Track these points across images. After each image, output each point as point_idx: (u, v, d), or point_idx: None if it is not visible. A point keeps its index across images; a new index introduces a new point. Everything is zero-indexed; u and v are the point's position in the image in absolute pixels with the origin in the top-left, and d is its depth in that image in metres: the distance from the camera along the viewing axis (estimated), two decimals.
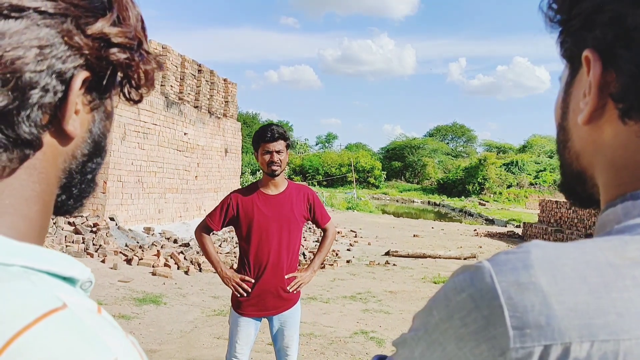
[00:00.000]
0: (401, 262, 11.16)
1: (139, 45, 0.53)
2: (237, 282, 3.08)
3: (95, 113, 0.54)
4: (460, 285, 0.48)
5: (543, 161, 48.23)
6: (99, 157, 0.56)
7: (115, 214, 10.53)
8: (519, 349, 0.44)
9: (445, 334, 0.48)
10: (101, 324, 0.46)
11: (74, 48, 0.48)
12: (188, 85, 13.71)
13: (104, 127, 0.56)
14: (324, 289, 8.15)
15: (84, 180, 0.56)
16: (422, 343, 0.51)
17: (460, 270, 0.50)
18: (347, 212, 25.68)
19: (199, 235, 3.23)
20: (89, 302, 0.49)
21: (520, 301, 0.44)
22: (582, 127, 0.55)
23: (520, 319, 0.44)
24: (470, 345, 0.46)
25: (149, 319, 6.01)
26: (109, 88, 0.53)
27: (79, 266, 0.50)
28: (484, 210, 33.29)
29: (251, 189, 3.18)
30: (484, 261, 0.48)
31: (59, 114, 0.49)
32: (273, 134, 3.06)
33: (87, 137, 0.54)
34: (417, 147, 57.76)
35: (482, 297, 0.46)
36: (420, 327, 0.51)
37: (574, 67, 0.57)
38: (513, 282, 0.45)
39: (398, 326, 6.36)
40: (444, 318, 0.48)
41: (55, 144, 0.51)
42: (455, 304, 0.48)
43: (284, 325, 3.18)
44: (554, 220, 16.51)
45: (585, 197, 0.61)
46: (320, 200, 3.38)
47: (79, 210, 0.59)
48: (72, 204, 0.56)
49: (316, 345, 5.44)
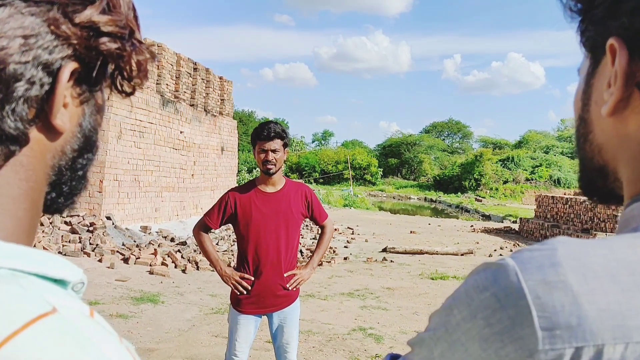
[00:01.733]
0: (398, 259, 11.16)
1: (130, 34, 0.50)
2: (236, 280, 3.06)
3: (85, 106, 0.51)
4: (482, 284, 0.46)
5: (539, 157, 48.31)
6: (90, 153, 0.54)
7: (112, 213, 10.49)
8: (549, 350, 0.42)
9: (467, 334, 0.46)
10: (94, 328, 0.44)
11: (61, 38, 0.46)
12: (184, 84, 13.66)
13: (95, 121, 0.53)
14: (321, 286, 8.13)
15: (75, 177, 0.53)
16: (442, 343, 0.49)
17: (481, 267, 0.48)
18: (344, 209, 25.68)
19: (197, 234, 3.20)
20: (81, 305, 0.46)
21: (548, 301, 0.43)
22: (605, 119, 0.53)
23: (550, 320, 0.42)
24: (495, 347, 0.44)
25: (146, 318, 5.99)
26: (99, 80, 0.51)
27: (70, 267, 0.48)
28: (480, 206, 33.34)
29: (249, 187, 3.16)
30: (507, 258, 0.46)
31: (46, 108, 0.47)
32: (269, 132, 3.04)
33: (77, 132, 0.51)
34: (413, 144, 57.76)
35: (507, 297, 0.44)
36: (440, 327, 0.49)
37: (595, 57, 0.55)
38: (540, 281, 0.44)
39: (396, 322, 6.36)
40: (466, 317, 0.46)
41: (43, 140, 0.48)
42: (478, 303, 0.46)
43: (283, 322, 3.16)
44: (550, 216, 16.53)
45: (606, 192, 0.59)
46: (317, 197, 3.37)
47: (70, 208, 0.56)
48: (63, 201, 0.54)
49: (315, 342, 5.42)
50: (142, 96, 11.65)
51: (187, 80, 13.95)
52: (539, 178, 44.31)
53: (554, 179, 43.71)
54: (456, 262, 11.20)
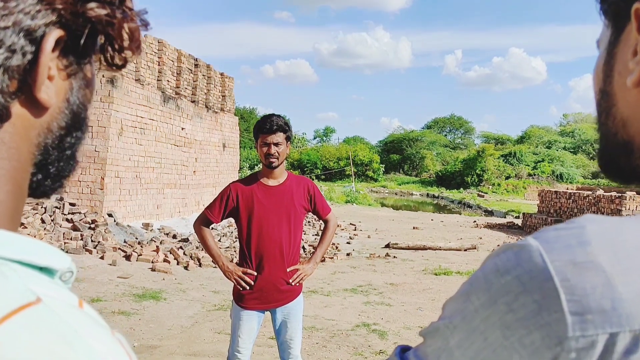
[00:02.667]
0: (401, 255, 11.12)
1: (121, 0, 0.46)
2: (239, 276, 3.02)
3: (73, 80, 0.47)
4: (503, 267, 0.42)
5: (541, 152, 48.24)
6: (79, 131, 0.50)
7: (113, 210, 10.46)
8: (580, 337, 0.38)
9: (487, 322, 0.42)
10: (83, 320, 0.40)
11: (45, 2, 0.41)
12: (185, 80, 13.61)
13: (84, 97, 0.49)
14: (324, 282, 8.10)
15: (62, 157, 0.49)
16: (459, 332, 0.45)
17: (500, 249, 0.44)
18: (346, 205, 25.65)
19: (198, 229, 3.16)
20: (69, 296, 0.42)
21: (578, 283, 0.39)
22: (630, 90, 0.49)
23: (580, 303, 0.38)
24: (519, 334, 0.40)
25: (149, 314, 5.96)
26: (88, 51, 0.47)
27: (57, 255, 0.44)
28: (482, 202, 33.29)
29: (251, 180, 3.12)
30: (529, 238, 0.42)
31: (29, 80, 0.43)
32: (272, 125, 3.00)
33: (64, 108, 0.47)
34: (415, 140, 57.70)
35: (531, 279, 0.40)
36: (456, 314, 0.45)
37: (618, 25, 0.51)
38: (568, 262, 0.40)
39: (400, 318, 6.32)
40: (486, 303, 0.43)
41: (26, 115, 0.44)
42: (499, 287, 0.42)
43: (287, 318, 3.12)
44: (553, 211, 16.48)
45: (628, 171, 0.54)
46: (320, 191, 3.33)
47: (58, 191, 0.52)
48: (50, 184, 0.49)
49: (318, 339, 5.40)
50: (143, 92, 11.61)
51: (188, 77, 13.91)
52: (541, 173, 44.23)
53: (557, 174, 43.63)
54: (459, 257, 11.16)
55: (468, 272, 9.35)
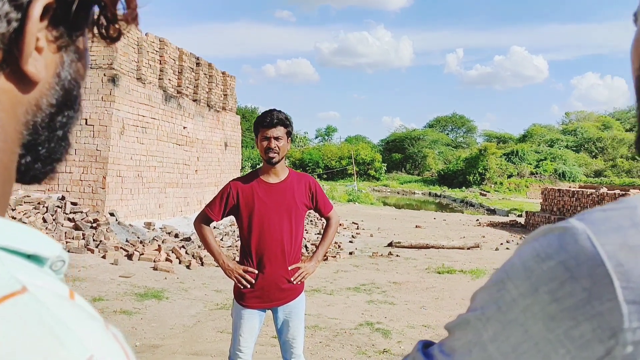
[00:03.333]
0: (404, 253, 11.08)
1: None
2: (239, 274, 2.98)
3: (64, 53, 0.43)
4: (545, 251, 0.38)
5: (543, 150, 48.13)
6: (71, 110, 0.46)
7: (115, 210, 10.44)
8: (637, 329, 0.34)
9: (527, 312, 0.38)
10: (73, 312, 0.36)
11: None
12: (186, 79, 13.58)
13: (76, 72, 0.45)
14: (327, 281, 8.07)
15: (53, 138, 0.45)
16: (494, 324, 0.40)
17: (541, 232, 0.40)
18: (348, 204, 25.61)
19: (198, 227, 3.13)
20: (59, 286, 0.39)
21: (633, 268, 0.35)
22: None
23: (636, 291, 0.34)
24: (566, 326, 0.36)
25: (150, 314, 5.94)
26: (80, 22, 0.43)
27: (46, 241, 0.40)
28: (485, 201, 33.25)
29: (251, 177, 3.08)
30: (573, 220, 0.38)
31: (15, 51, 0.39)
32: (272, 119, 2.96)
33: (54, 83, 0.43)
34: (417, 139, 57.62)
35: (579, 265, 0.36)
36: (490, 305, 0.41)
37: None
38: (621, 245, 0.36)
39: (403, 317, 6.29)
40: (525, 292, 0.38)
41: (13, 90, 0.40)
42: (541, 274, 0.38)
43: (289, 316, 3.08)
44: (556, 209, 16.43)
45: None
46: (322, 188, 3.28)
47: (50, 176, 0.48)
48: (41, 167, 0.45)
49: (321, 338, 5.36)
50: (145, 91, 11.58)
51: (190, 75, 13.88)
52: (543, 172, 44.14)
53: (559, 173, 43.53)
54: (463, 256, 11.12)
55: (471, 270, 9.31)
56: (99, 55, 10.50)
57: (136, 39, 11.45)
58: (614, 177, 41.32)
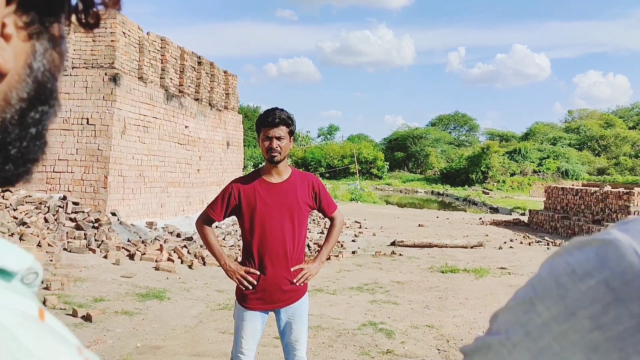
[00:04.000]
0: (407, 252, 11.03)
1: None
2: (241, 275, 2.93)
3: (36, 42, 0.38)
4: (582, 267, 0.32)
5: (546, 149, 47.95)
6: (46, 105, 0.41)
7: (117, 209, 10.40)
8: None
9: (563, 340, 0.32)
10: (39, 335, 0.31)
11: None
12: (188, 78, 13.53)
13: (51, 63, 0.40)
14: (330, 281, 8.02)
15: (25, 136, 0.40)
16: (522, 351, 0.34)
17: (575, 244, 0.34)
18: (351, 203, 25.55)
19: (200, 227, 3.08)
20: (27, 304, 0.34)
21: None
22: None
23: None
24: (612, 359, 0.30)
25: (152, 314, 5.89)
26: (54, 7, 0.38)
27: (15, 253, 0.36)
28: (488, 199, 33.13)
29: (253, 177, 3.02)
30: (615, 231, 0.32)
31: None
32: (274, 118, 2.91)
33: (25, 75, 0.38)
34: (419, 137, 57.48)
35: (626, 285, 0.30)
36: (515, 329, 0.35)
37: None
38: None
39: (407, 317, 6.23)
40: (559, 316, 0.32)
41: None
42: (579, 295, 0.32)
43: (291, 318, 3.03)
44: (560, 207, 16.34)
45: None
46: (325, 188, 3.23)
47: (25, 179, 0.43)
48: (13, 169, 0.41)
49: (324, 338, 5.31)
50: (146, 90, 11.54)
51: (192, 75, 13.83)
52: (546, 170, 43.98)
53: (562, 171, 43.38)
54: (466, 254, 11.06)
55: (475, 269, 9.25)
56: (100, 54, 10.47)
57: (137, 38, 11.41)
58: (617, 175, 41.15)
